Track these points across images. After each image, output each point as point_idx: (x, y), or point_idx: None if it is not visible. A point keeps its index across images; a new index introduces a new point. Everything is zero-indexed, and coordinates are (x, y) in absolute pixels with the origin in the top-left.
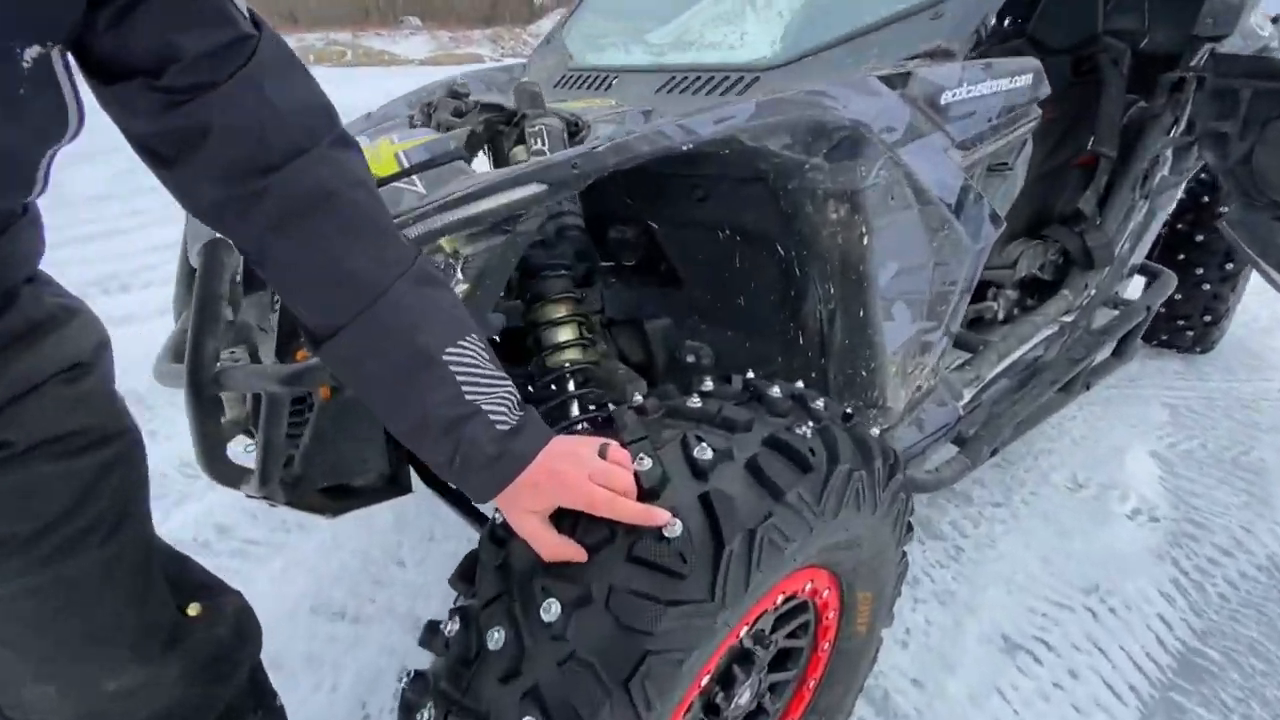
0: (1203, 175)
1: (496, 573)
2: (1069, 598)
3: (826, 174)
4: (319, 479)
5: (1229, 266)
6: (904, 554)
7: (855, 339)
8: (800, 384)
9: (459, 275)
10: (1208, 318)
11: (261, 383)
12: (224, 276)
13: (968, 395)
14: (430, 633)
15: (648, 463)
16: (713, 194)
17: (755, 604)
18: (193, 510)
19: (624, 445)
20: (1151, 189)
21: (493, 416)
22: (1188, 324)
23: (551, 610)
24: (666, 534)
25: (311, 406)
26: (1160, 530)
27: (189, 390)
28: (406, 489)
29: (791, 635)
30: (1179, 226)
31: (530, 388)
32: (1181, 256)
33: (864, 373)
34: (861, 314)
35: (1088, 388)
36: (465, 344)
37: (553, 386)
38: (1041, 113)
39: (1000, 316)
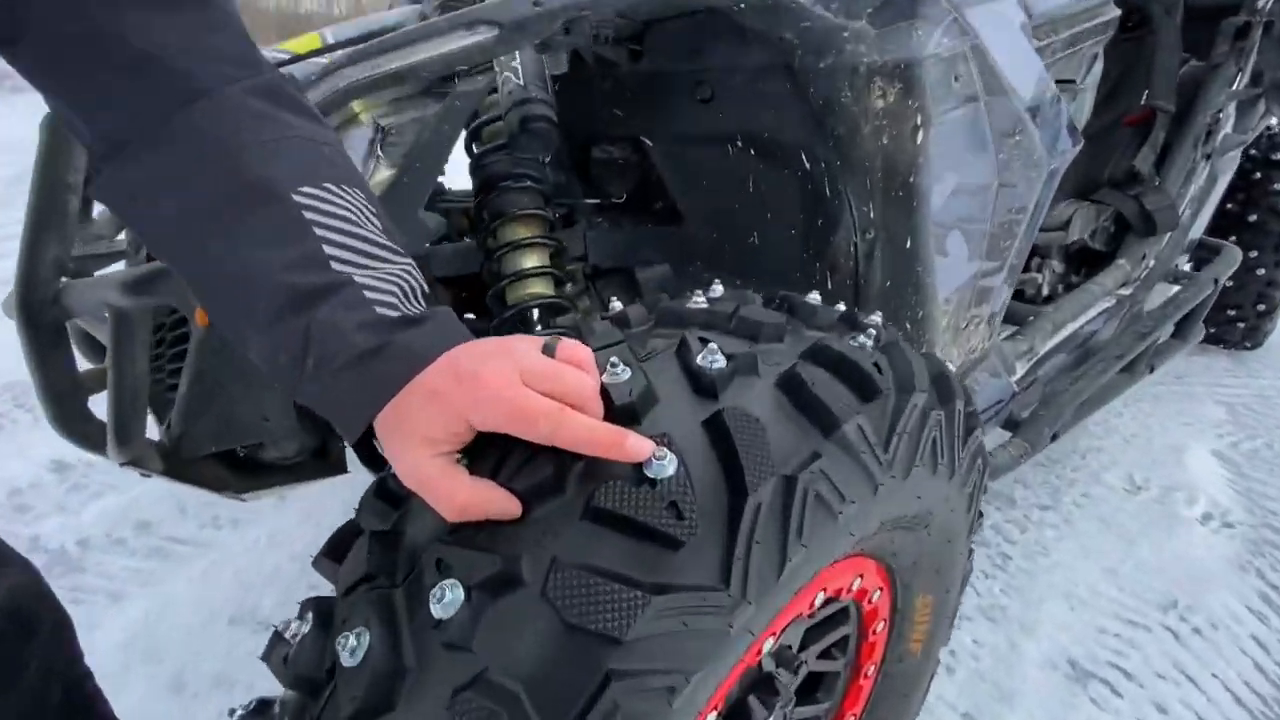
0: (1253, 151)
1: (375, 544)
2: (1144, 615)
3: (872, 43)
4: (205, 441)
5: None
6: (971, 548)
7: (900, 279)
8: None
9: (379, 154)
10: (1261, 306)
11: (103, 293)
12: (70, 160)
13: (1020, 369)
14: (274, 641)
15: (624, 371)
16: (721, 91)
17: (789, 600)
18: (112, 503)
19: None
20: (1214, 148)
21: (370, 294)
22: (1239, 315)
23: (446, 599)
24: (650, 474)
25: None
26: (1238, 538)
27: (19, 314)
28: (340, 468)
29: (826, 654)
30: (1229, 206)
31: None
32: (1233, 239)
33: (908, 325)
34: (909, 244)
35: (1151, 370)
36: (337, 191)
37: (512, 330)
38: (1118, 18)
39: (1045, 292)
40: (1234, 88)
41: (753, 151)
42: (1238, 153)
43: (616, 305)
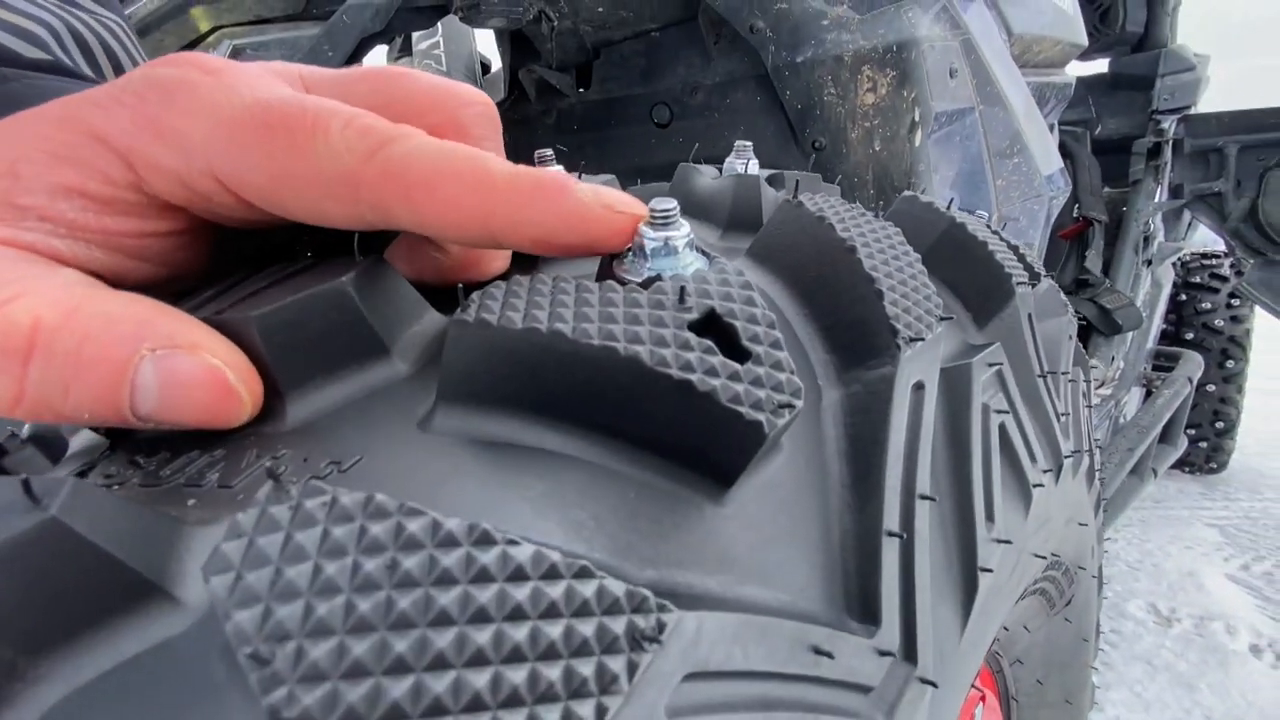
0: (1174, 277)
1: None
2: None
3: (856, 29)
4: None
5: (1229, 364)
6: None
7: None
8: None
9: None
10: (1219, 424)
11: None
12: None
13: None
14: None
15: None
16: (681, 112)
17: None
18: None
19: None
20: (1154, 254)
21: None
22: (1199, 435)
23: None
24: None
25: None
26: None
27: None
28: None
29: None
30: (1165, 328)
31: None
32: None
33: None
34: None
35: (1155, 474)
36: None
37: None
38: (1073, 85)
39: None
40: (1156, 200)
41: None
42: (1171, 262)
43: None
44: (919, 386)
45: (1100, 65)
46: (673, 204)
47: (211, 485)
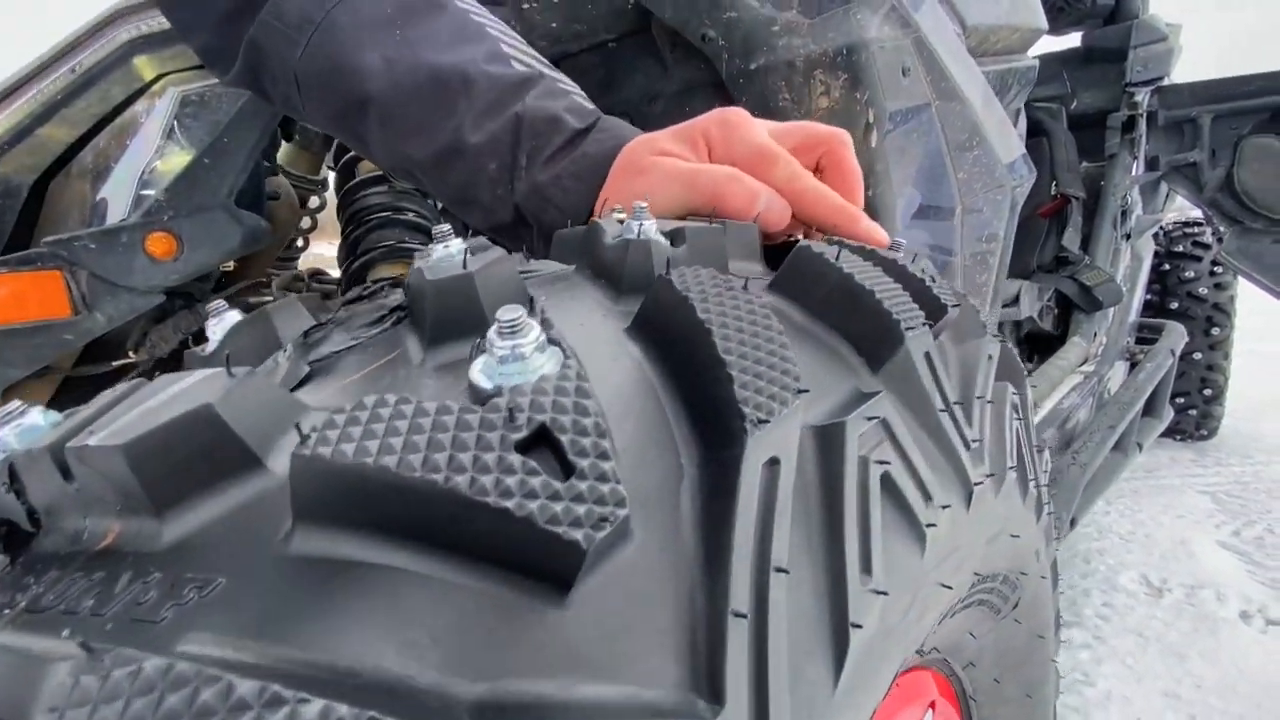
0: (1156, 248)
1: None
2: None
3: (806, 33)
4: None
5: (1215, 332)
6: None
7: None
8: None
9: (175, 132)
10: (1207, 391)
11: None
12: None
13: None
14: None
15: None
16: (638, 124)
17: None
18: None
19: None
20: (1132, 228)
21: (564, 85)
22: (1188, 403)
23: None
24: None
25: None
26: None
27: None
28: None
29: None
30: (1149, 298)
31: None
32: None
33: None
34: None
35: (1140, 448)
36: (479, 7)
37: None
38: (1036, 69)
39: None
40: (1133, 173)
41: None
42: (1151, 234)
43: None
44: (773, 462)
45: (1074, 40)
46: (519, 312)
47: (85, 613)
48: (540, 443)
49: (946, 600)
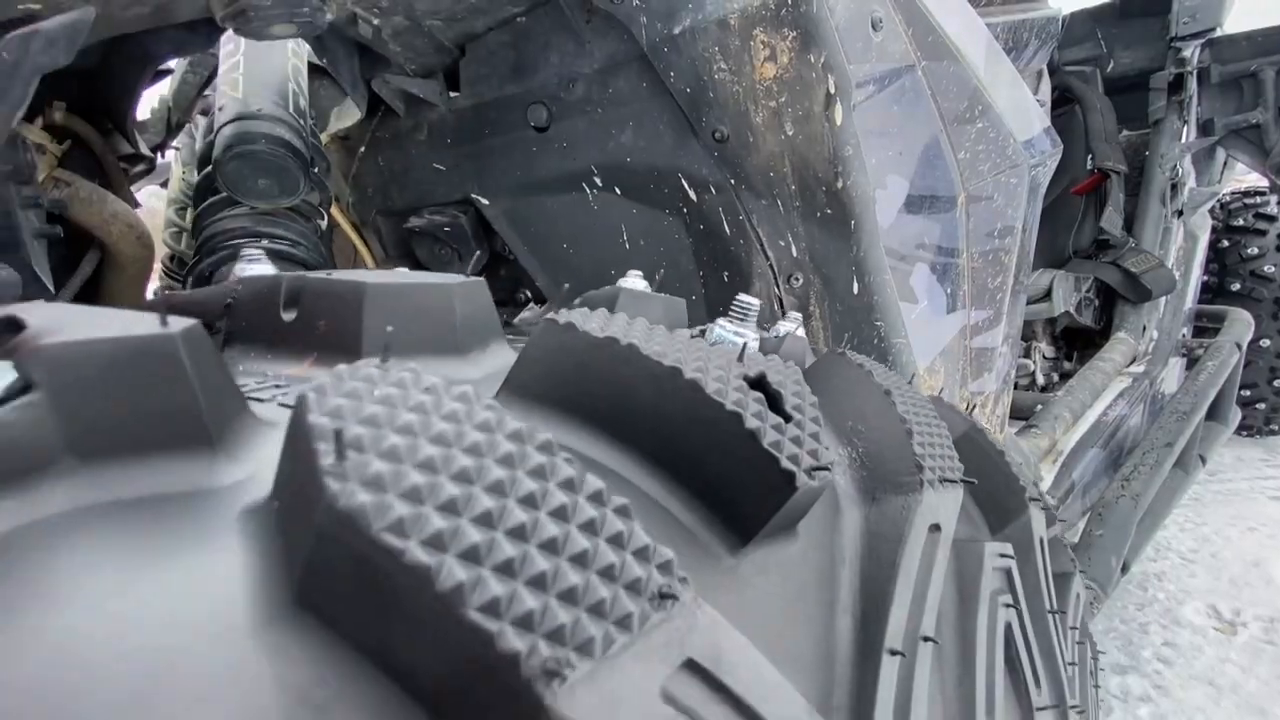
0: (1213, 221)
1: None
2: None
3: None
4: None
5: None
6: None
7: (855, 342)
8: None
9: None
10: (1278, 382)
11: None
12: None
13: (1048, 476)
14: None
15: None
16: (561, 111)
17: None
18: None
19: None
20: (1184, 204)
21: None
22: (1256, 395)
23: None
24: None
25: None
26: None
27: None
28: None
29: None
30: (1206, 279)
31: None
32: None
33: None
34: (856, 287)
35: (1203, 461)
36: None
37: None
38: (1059, 20)
39: (1040, 381)
40: (1183, 140)
41: (617, 190)
42: (1208, 208)
43: None
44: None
45: None
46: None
47: None
48: (761, 389)
49: None
